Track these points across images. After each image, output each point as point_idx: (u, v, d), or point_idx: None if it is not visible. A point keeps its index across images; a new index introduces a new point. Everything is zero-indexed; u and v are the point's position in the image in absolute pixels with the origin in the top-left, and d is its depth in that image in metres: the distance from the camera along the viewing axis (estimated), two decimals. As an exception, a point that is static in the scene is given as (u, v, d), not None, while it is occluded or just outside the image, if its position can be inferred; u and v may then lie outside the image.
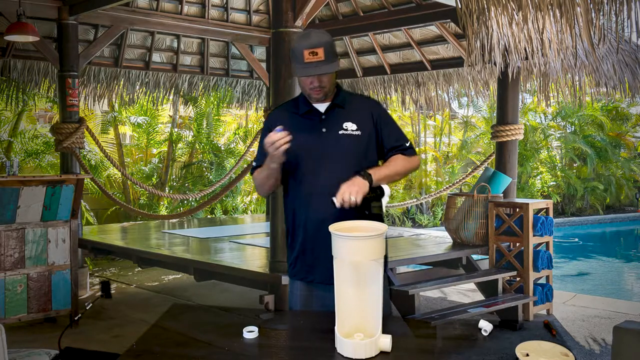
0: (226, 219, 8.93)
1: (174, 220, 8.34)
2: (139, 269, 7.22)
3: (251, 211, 11.06)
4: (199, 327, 2.45)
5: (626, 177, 15.61)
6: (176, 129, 11.15)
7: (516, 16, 4.08)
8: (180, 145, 10.83)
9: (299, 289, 2.64)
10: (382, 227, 2.09)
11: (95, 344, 4.72)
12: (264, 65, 8.61)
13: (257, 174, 2.62)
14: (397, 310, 4.59)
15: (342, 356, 1.97)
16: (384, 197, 2.44)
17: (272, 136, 2.37)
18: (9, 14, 6.24)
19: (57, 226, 5.20)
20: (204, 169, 10.88)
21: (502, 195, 5.96)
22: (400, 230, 7.60)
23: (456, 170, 13.62)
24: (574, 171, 15.22)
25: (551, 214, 5.67)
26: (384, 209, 2.43)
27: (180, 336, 2.31)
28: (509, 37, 4.63)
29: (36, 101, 8.88)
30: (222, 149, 10.95)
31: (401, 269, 5.85)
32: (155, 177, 10.39)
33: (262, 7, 8.43)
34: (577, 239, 12.27)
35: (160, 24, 7.60)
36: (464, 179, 7.88)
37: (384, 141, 2.62)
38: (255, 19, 8.42)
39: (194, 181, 10.53)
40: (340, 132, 2.55)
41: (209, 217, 10.11)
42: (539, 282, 5.68)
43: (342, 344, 1.98)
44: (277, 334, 2.32)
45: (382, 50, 8.26)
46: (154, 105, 9.17)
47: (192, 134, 11.00)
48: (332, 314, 2.08)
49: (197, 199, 9.50)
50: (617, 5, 3.49)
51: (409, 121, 13.90)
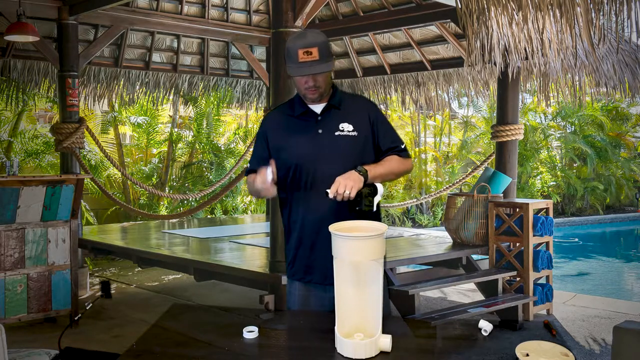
0: (226, 219, 8.93)
1: (174, 220, 8.34)
2: (139, 269, 7.22)
3: (251, 211, 11.06)
4: (199, 327, 2.45)
5: (626, 177, 15.61)
6: (176, 129, 11.15)
7: (516, 16, 4.08)
8: (180, 145, 10.83)
9: (297, 289, 2.64)
10: (382, 227, 2.09)
11: (95, 344, 4.72)
12: (264, 65, 8.61)
13: (251, 179, 2.56)
14: (397, 310, 4.60)
15: (342, 356, 1.96)
16: (377, 196, 2.43)
17: (262, 174, 2.40)
18: (9, 14, 6.25)
19: (57, 226, 5.20)
20: (204, 169, 10.88)
21: (502, 195, 5.96)
22: (400, 230, 7.60)
23: (456, 170, 13.62)
24: (574, 171, 15.21)
25: (551, 214, 5.67)
26: (374, 207, 2.42)
27: (180, 336, 2.31)
28: (509, 37, 4.63)
29: (36, 101, 8.89)
30: (222, 149, 10.95)
31: (401, 269, 5.85)
32: (155, 177, 10.39)
33: (262, 7, 8.43)
34: (577, 239, 12.26)
35: (160, 24, 7.60)
36: (464, 179, 7.88)
37: (380, 142, 2.61)
38: (255, 19, 8.42)
39: (194, 181, 10.53)
40: (336, 133, 2.55)
41: (209, 217, 10.11)
42: (539, 282, 5.68)
43: (342, 344, 1.98)
44: (277, 334, 2.32)
45: (382, 50, 8.26)
46: (154, 105, 9.17)
47: (192, 134, 11.00)
48: (332, 314, 2.08)
49: (197, 199, 9.50)
50: (617, 5, 3.49)
51: (409, 121, 13.89)
